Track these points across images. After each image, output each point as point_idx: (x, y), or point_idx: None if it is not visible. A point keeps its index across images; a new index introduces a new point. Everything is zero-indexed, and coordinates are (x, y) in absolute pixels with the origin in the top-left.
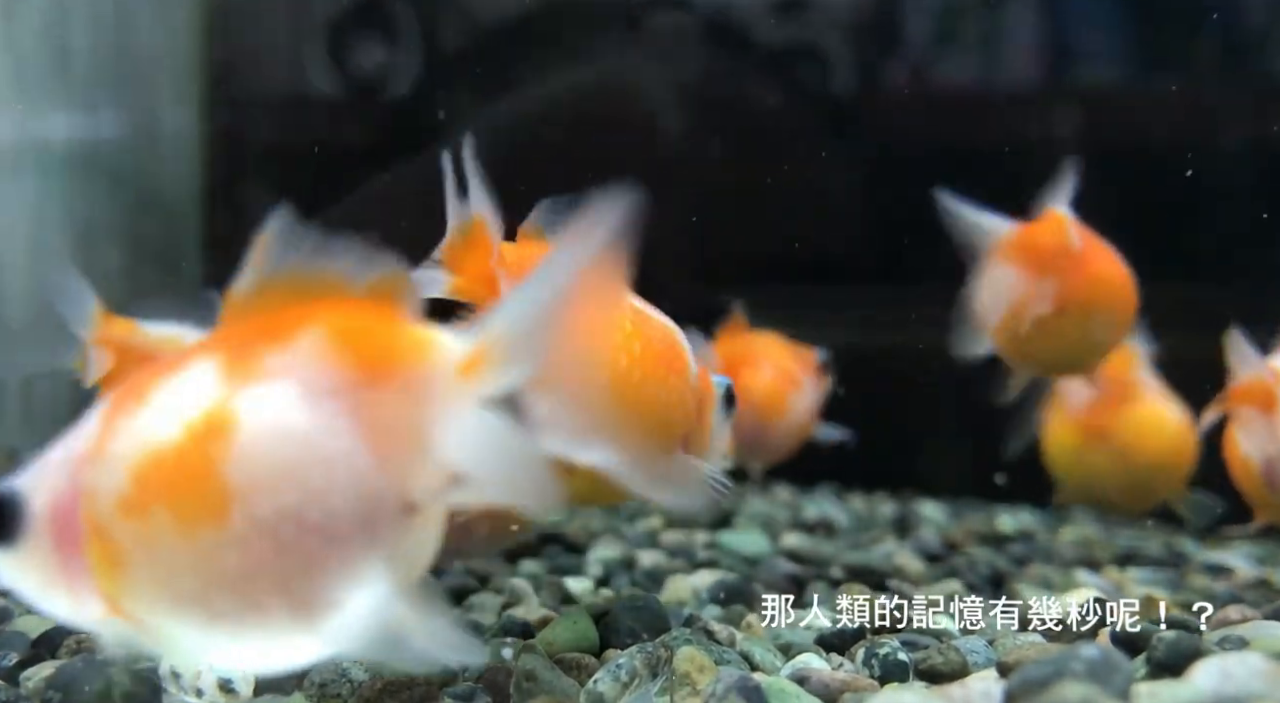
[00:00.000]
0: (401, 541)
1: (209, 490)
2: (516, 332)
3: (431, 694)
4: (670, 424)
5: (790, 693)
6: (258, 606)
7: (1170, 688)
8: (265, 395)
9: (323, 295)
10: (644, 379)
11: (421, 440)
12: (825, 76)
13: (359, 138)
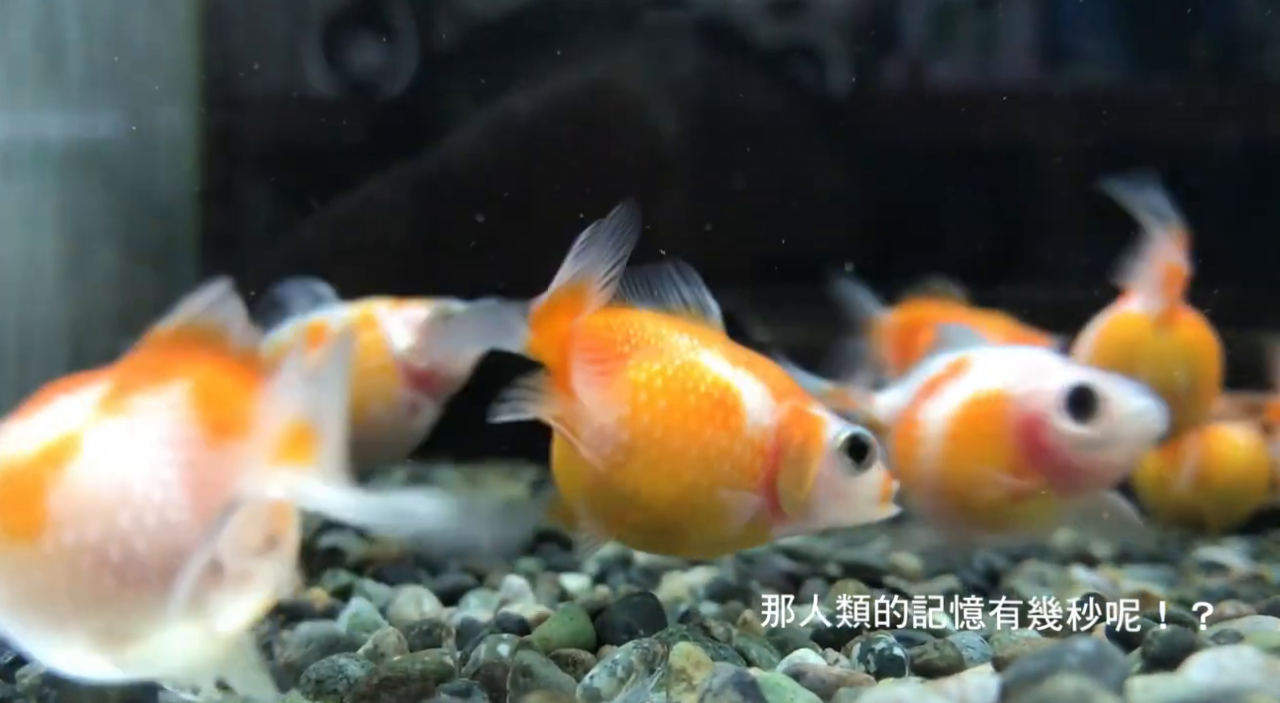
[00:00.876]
0: (212, 593)
1: (30, 509)
2: (315, 418)
3: (428, 691)
4: (707, 479)
5: (786, 688)
6: (58, 625)
7: (1165, 682)
8: (114, 433)
9: (212, 349)
10: (666, 435)
11: (235, 506)
12: (821, 75)
13: (355, 136)
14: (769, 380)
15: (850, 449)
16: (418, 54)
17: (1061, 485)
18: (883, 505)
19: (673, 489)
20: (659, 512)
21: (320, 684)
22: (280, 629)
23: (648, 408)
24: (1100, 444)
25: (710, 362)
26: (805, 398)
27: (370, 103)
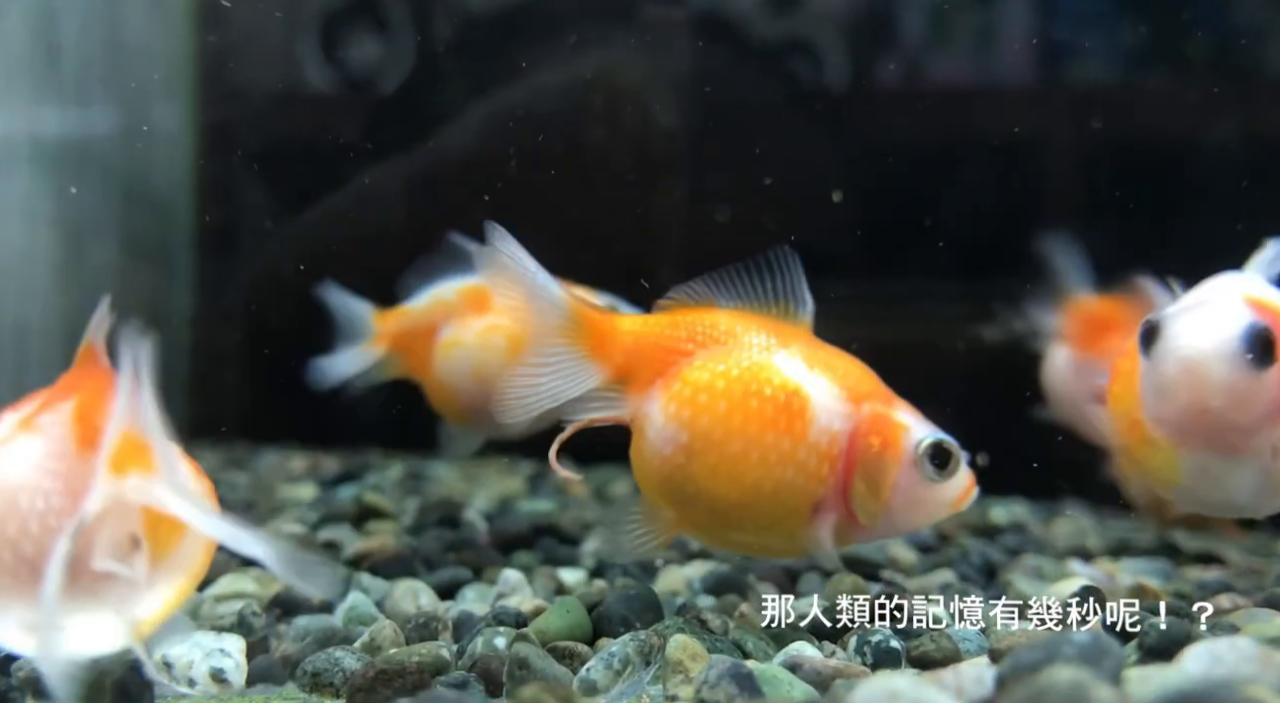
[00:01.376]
0: (78, 588)
1: None
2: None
3: (424, 683)
4: (769, 484)
5: (783, 680)
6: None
7: (1161, 673)
8: (15, 448)
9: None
10: (726, 438)
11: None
12: (819, 71)
13: (351, 132)
14: (848, 383)
15: (933, 456)
16: (414, 50)
17: None
18: (959, 506)
19: (733, 492)
20: (720, 513)
21: (317, 677)
22: (277, 623)
23: (708, 410)
24: None
25: (782, 363)
26: (889, 400)
27: (366, 98)
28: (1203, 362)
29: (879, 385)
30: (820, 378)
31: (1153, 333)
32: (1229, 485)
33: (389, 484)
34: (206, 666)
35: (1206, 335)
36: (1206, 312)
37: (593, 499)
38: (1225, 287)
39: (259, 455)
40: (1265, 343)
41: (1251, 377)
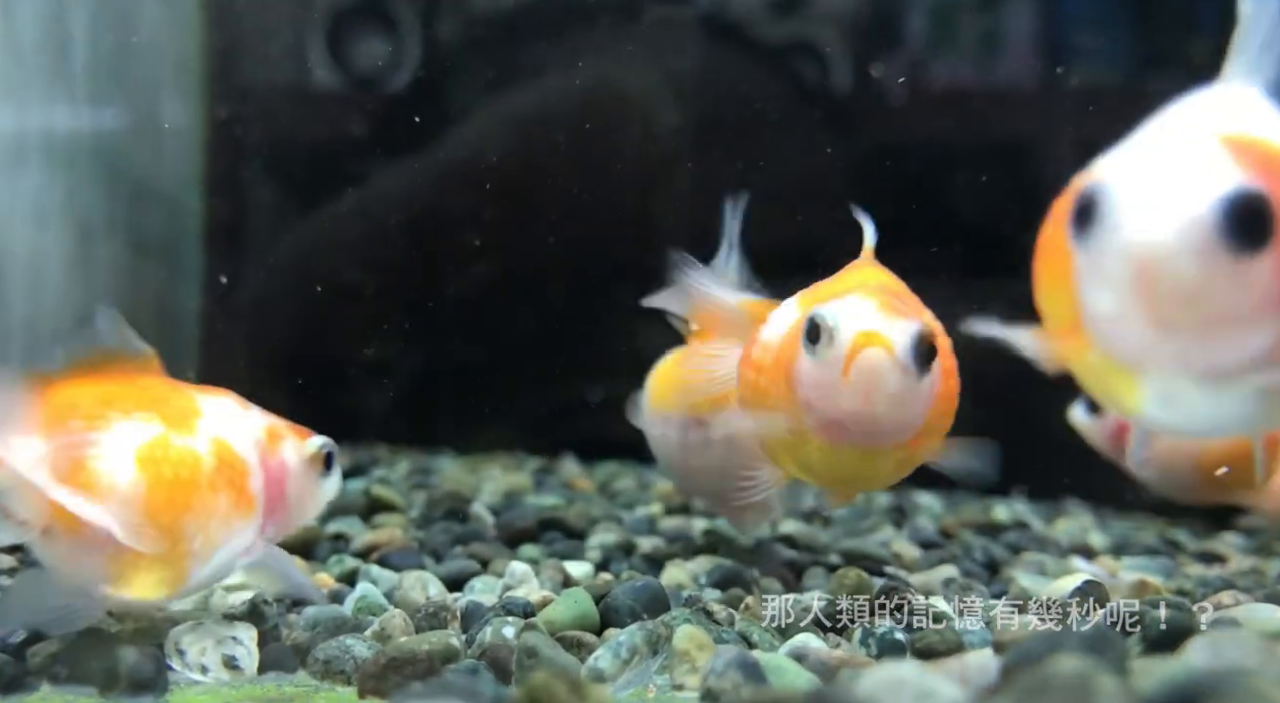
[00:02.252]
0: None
1: None
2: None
3: (434, 670)
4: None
5: (789, 670)
6: None
7: (1164, 664)
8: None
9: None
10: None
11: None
12: (824, 73)
13: (359, 130)
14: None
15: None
16: (422, 48)
17: None
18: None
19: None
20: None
21: (328, 665)
22: (287, 612)
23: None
24: None
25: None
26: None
27: (375, 97)
28: (1163, 256)
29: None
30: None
31: (1089, 209)
32: (1208, 416)
33: (397, 478)
34: (219, 653)
35: (1167, 214)
36: (1166, 170)
37: (599, 495)
38: (1192, 118)
39: None
40: (1257, 217)
41: (1236, 267)
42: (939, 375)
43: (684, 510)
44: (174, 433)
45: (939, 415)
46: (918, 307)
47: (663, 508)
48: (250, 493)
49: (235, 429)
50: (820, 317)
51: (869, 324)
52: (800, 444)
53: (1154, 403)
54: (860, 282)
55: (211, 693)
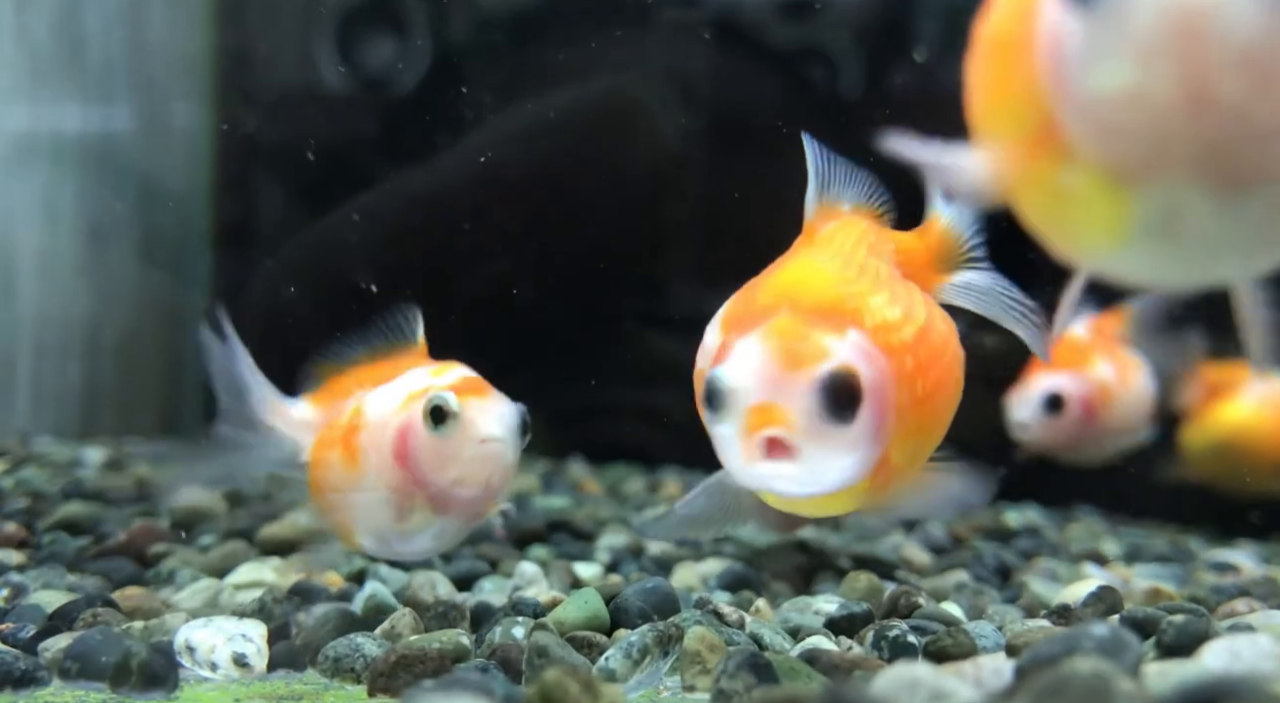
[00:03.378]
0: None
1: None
2: None
3: (445, 668)
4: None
5: (800, 672)
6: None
7: (1180, 668)
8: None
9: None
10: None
11: None
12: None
13: (368, 132)
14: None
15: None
16: (431, 51)
17: None
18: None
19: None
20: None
21: (338, 663)
22: (296, 611)
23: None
24: None
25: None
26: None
27: (384, 99)
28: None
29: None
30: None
31: None
32: (1214, 245)
33: None
34: (229, 650)
35: None
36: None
37: (607, 497)
38: None
39: None
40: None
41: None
42: (879, 404)
43: None
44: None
45: (908, 436)
46: (849, 317)
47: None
48: (358, 449)
49: (382, 397)
50: (716, 379)
51: (765, 392)
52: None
53: (1146, 230)
54: (785, 293)
55: (221, 690)
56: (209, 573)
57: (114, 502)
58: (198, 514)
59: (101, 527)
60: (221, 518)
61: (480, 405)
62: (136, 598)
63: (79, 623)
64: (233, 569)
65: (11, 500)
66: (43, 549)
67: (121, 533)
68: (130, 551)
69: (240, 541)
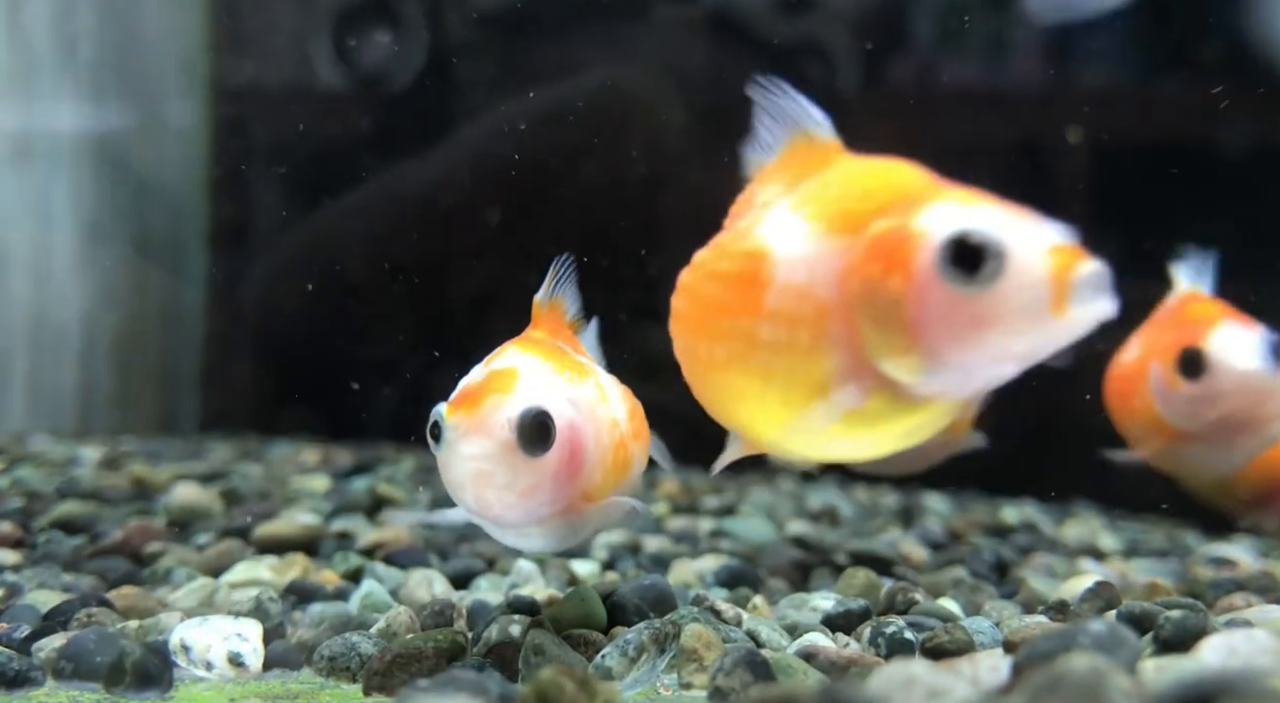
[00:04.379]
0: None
1: None
2: None
3: (440, 667)
4: (754, 382)
5: (797, 669)
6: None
7: (1177, 663)
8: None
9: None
10: (694, 344)
11: None
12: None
13: (363, 129)
14: (843, 208)
15: (957, 256)
16: (427, 47)
17: None
18: (1056, 313)
19: (723, 402)
20: (741, 428)
21: (333, 662)
22: (292, 610)
23: (681, 317)
24: None
25: (760, 221)
26: (922, 201)
27: (379, 96)
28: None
29: (908, 190)
30: (798, 221)
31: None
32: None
33: (402, 477)
34: (224, 650)
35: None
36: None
37: None
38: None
39: (271, 448)
40: None
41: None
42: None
43: (691, 510)
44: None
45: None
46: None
47: (669, 508)
48: None
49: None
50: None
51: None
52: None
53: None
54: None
55: (216, 689)
56: (205, 572)
57: (110, 501)
58: (194, 513)
59: (97, 526)
60: (217, 517)
61: (466, 420)
62: (132, 597)
63: (74, 623)
64: (229, 568)
65: (7, 500)
66: (38, 549)
67: (117, 532)
68: (126, 550)
69: (236, 539)
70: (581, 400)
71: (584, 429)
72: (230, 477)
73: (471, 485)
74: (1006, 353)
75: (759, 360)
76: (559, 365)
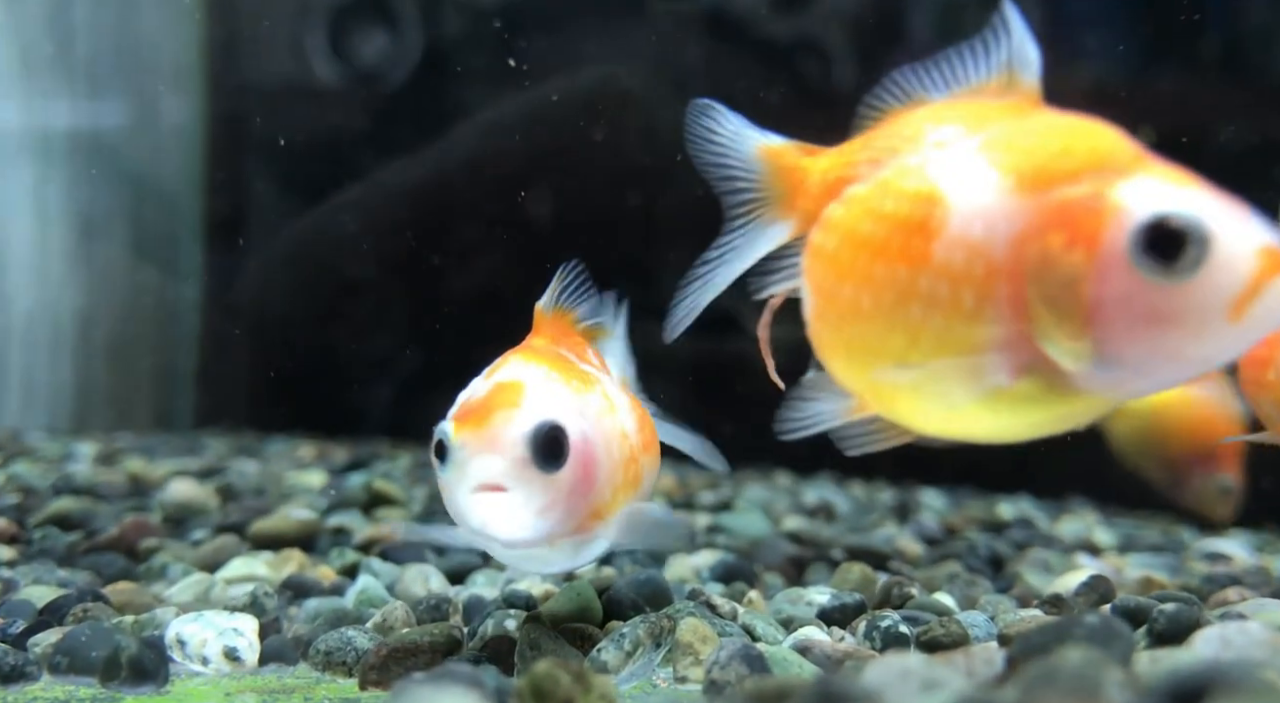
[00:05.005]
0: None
1: None
2: None
3: (436, 661)
4: (909, 339)
5: (793, 662)
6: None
7: (1171, 655)
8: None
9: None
10: (853, 292)
11: None
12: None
13: (359, 125)
14: (1037, 163)
15: (1153, 241)
16: (423, 44)
17: None
18: (1245, 312)
19: (877, 358)
20: (885, 392)
21: (329, 656)
22: (288, 605)
23: (830, 260)
24: None
25: (937, 162)
26: (1125, 172)
27: (375, 93)
28: None
29: (1111, 156)
30: (983, 169)
31: None
32: None
33: (398, 473)
34: (220, 644)
35: None
36: None
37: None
38: None
39: (267, 444)
40: None
41: None
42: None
43: (687, 506)
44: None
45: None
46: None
47: (666, 504)
48: None
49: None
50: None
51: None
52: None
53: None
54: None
55: (212, 684)
56: (200, 568)
57: (105, 497)
58: (189, 509)
59: (93, 522)
60: (213, 513)
61: (476, 438)
62: (127, 593)
63: (69, 618)
64: (224, 564)
65: (2, 496)
66: (33, 545)
67: (113, 528)
68: (121, 545)
69: (232, 535)
70: (590, 412)
71: (596, 442)
72: (226, 473)
73: (481, 507)
74: (1184, 356)
75: (910, 315)
76: (565, 376)
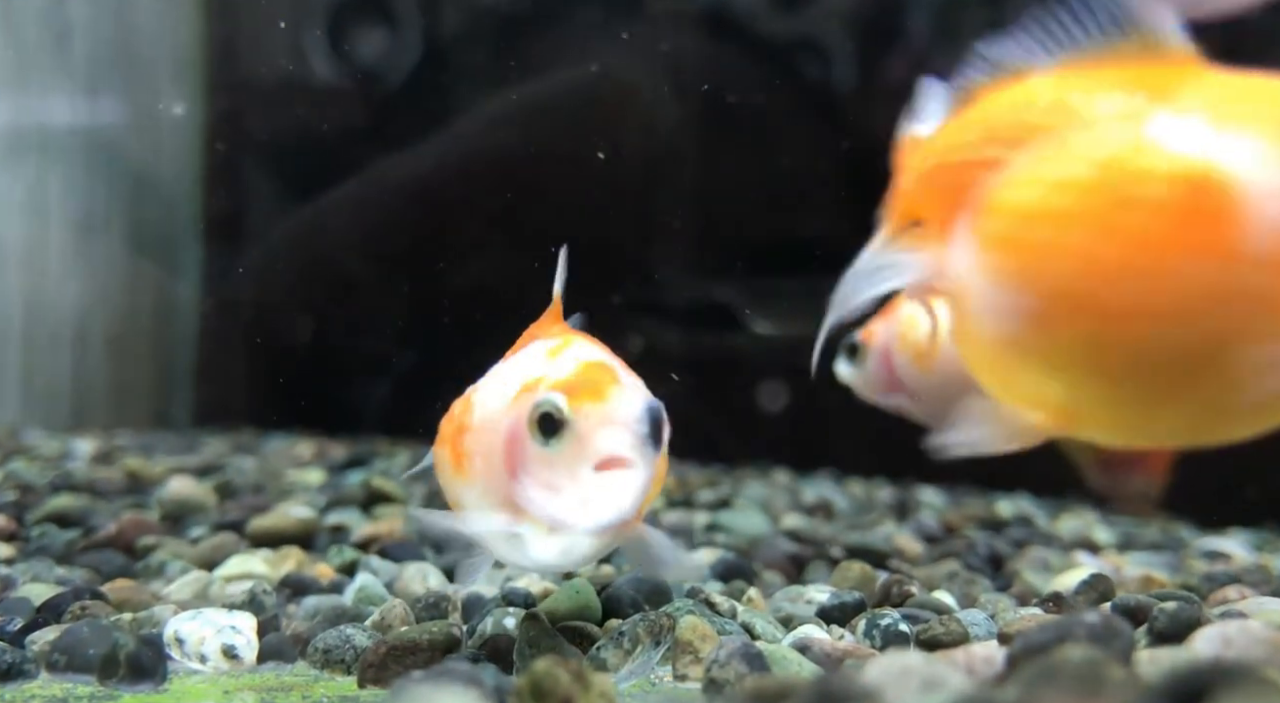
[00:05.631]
0: None
1: None
2: None
3: (435, 659)
4: (1189, 341)
5: (792, 660)
6: None
7: (1172, 654)
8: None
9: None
10: (1092, 279)
11: None
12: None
13: (358, 123)
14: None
15: None
16: (422, 41)
17: None
18: None
19: (1130, 368)
20: (1123, 403)
21: (328, 654)
22: (286, 603)
23: (1053, 247)
24: None
25: (1170, 132)
26: None
27: (375, 90)
28: None
29: None
30: (1250, 140)
31: None
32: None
33: (397, 470)
34: (218, 642)
35: None
36: None
37: None
38: None
39: (266, 441)
40: None
41: None
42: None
43: (686, 504)
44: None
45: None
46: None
47: (665, 502)
48: (463, 450)
49: (492, 388)
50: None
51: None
52: None
53: None
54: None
55: (211, 682)
56: (199, 565)
57: (104, 494)
58: (188, 506)
59: (91, 519)
60: (212, 510)
61: (599, 412)
62: (125, 590)
63: (67, 616)
64: (223, 561)
65: (1, 493)
66: (32, 542)
67: (111, 525)
68: (119, 543)
69: (230, 533)
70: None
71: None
72: (224, 470)
73: (604, 481)
74: None
75: (1214, 314)
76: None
